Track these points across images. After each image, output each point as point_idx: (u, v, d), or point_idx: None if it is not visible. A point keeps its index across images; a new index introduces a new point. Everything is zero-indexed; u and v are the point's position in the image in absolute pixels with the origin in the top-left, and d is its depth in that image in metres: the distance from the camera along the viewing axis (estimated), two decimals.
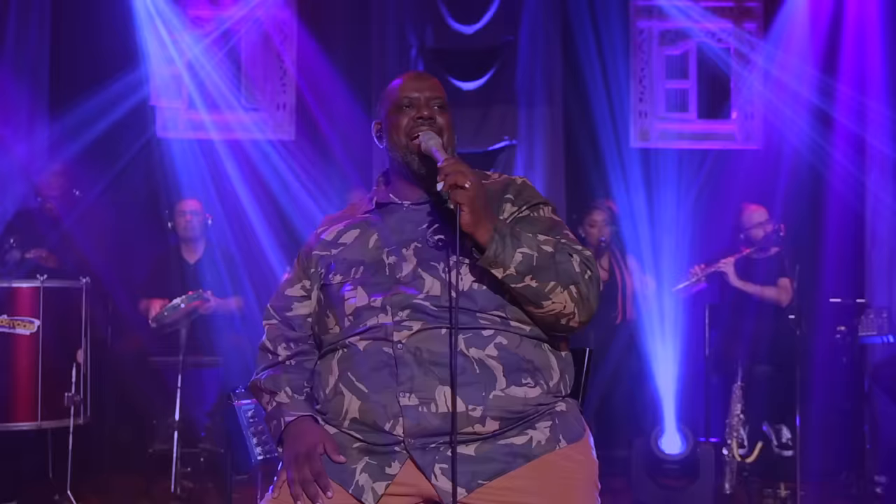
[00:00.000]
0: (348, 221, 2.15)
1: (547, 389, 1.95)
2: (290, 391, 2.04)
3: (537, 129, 6.19)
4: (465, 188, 1.85)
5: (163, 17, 6.03)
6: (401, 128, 2.07)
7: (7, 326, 4.11)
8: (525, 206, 2.06)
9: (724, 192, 6.07)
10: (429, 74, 2.19)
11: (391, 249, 2.01)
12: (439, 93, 2.11)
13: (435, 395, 1.86)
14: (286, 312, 2.14)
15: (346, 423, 1.93)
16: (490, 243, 1.88)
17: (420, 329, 1.90)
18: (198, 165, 6.02)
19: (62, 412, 4.18)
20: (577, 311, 1.93)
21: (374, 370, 1.90)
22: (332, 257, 2.09)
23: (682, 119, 6.47)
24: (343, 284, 2.01)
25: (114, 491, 5.02)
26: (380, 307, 1.94)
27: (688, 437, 4.51)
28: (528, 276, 1.89)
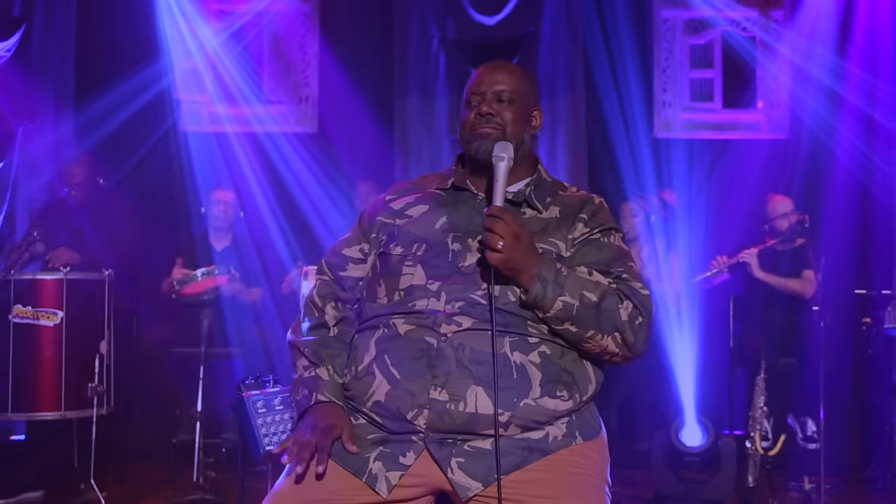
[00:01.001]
0: (418, 195, 2.13)
1: (578, 402, 1.94)
2: (332, 369, 2.03)
3: (560, 120, 6.16)
4: (497, 250, 1.85)
5: (185, 10, 6.07)
6: (466, 123, 2.07)
7: (31, 318, 4.16)
8: (597, 229, 2.03)
9: (749, 183, 6.00)
10: (507, 65, 2.14)
11: (457, 236, 2.00)
12: (507, 85, 2.06)
13: (466, 393, 1.85)
14: (339, 272, 2.13)
15: (369, 404, 1.92)
16: (531, 289, 1.88)
17: (469, 327, 1.89)
18: (220, 158, 6.06)
19: (85, 402, 4.22)
20: (620, 353, 1.94)
21: (411, 358, 1.89)
22: (395, 227, 2.07)
23: (707, 109, 6.41)
24: (403, 258, 1.99)
25: (138, 480, 5.08)
26: (435, 291, 1.93)
27: (708, 429, 4.47)
28: (568, 322, 1.89)
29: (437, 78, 6.20)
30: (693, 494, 4.47)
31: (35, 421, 4.55)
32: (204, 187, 5.74)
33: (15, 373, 4.14)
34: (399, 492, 1.88)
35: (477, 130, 2.04)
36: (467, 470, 1.86)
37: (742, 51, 6.27)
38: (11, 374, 4.14)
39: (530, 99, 2.11)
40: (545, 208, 2.06)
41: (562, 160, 6.13)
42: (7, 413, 4.17)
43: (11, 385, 4.14)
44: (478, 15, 6.19)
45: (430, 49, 6.19)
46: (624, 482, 5.06)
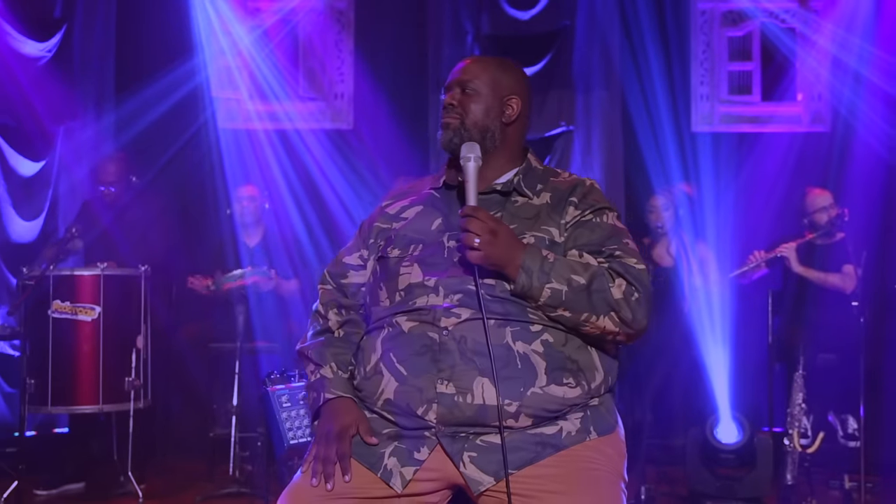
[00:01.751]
0: (413, 198, 2.15)
1: (587, 390, 1.93)
2: (335, 366, 2.05)
3: (595, 115, 6.12)
4: (475, 247, 1.86)
5: (220, 8, 6.12)
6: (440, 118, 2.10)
7: (70, 313, 4.23)
8: (588, 210, 2.02)
9: (788, 176, 5.91)
10: (476, 56, 2.22)
11: (452, 234, 2.00)
12: (470, 74, 2.07)
13: (472, 385, 1.85)
14: (341, 279, 2.16)
15: (380, 402, 1.93)
16: (517, 281, 1.88)
17: (468, 318, 1.89)
18: (255, 155, 6.11)
19: (123, 396, 4.29)
20: (620, 331, 1.92)
21: (416, 354, 1.90)
22: (392, 231, 2.09)
23: (746, 102, 6.32)
24: (400, 260, 2.01)
25: (177, 473, 5.16)
26: (433, 287, 1.94)
27: (744, 426, 4.41)
28: (560, 308, 1.88)
29: None
30: (729, 491, 4.42)
31: (77, 414, 4.64)
32: (239, 184, 5.79)
33: (54, 367, 4.22)
34: (414, 486, 1.89)
35: (441, 122, 2.07)
36: (479, 464, 1.86)
37: (781, 42, 6.18)
38: (51, 368, 4.22)
39: (502, 87, 2.09)
40: (536, 195, 2.05)
41: (597, 155, 6.09)
42: (47, 406, 4.25)
43: (51, 379, 4.22)
44: (512, 10, 6.17)
45: (464, 45, 6.18)
46: (659, 479, 5.03)
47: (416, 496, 1.90)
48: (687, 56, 6.25)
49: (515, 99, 2.10)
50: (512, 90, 2.10)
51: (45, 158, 5.95)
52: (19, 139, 5.85)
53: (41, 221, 5.88)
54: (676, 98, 6.12)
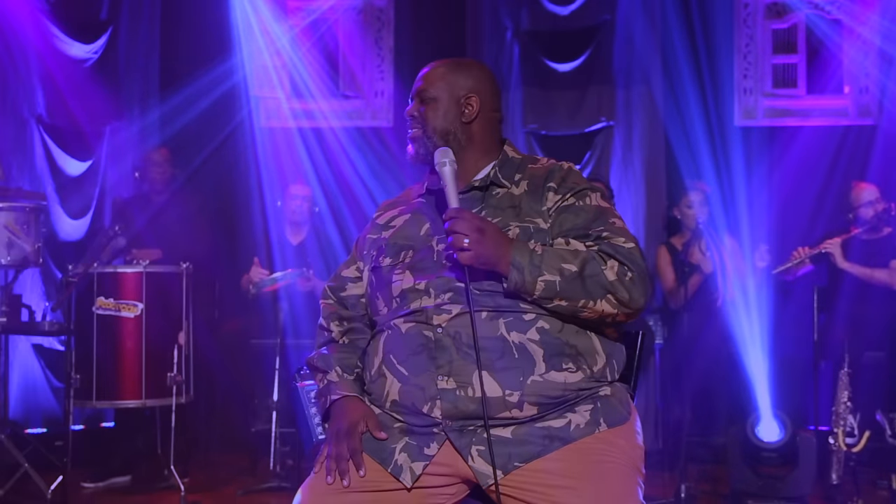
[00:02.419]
0: (402, 207, 2.19)
1: (590, 374, 1.92)
2: (339, 370, 2.09)
3: (636, 110, 6.08)
4: (465, 248, 1.86)
5: (260, 7, 6.19)
6: None
7: (113, 309, 4.31)
8: (570, 194, 2.02)
9: (834, 170, 5.81)
10: (432, 64, 2.17)
11: (441, 238, 2.02)
12: (424, 82, 2.12)
13: (472, 379, 1.87)
14: (341, 293, 2.21)
15: (388, 404, 1.97)
16: (509, 278, 1.88)
17: (459, 313, 1.91)
18: (296, 153, 6.17)
19: (165, 391, 4.35)
20: (619, 312, 1.92)
21: (413, 354, 1.93)
22: (382, 240, 2.13)
23: (790, 95, 6.22)
24: (392, 268, 2.05)
25: (219, 467, 5.23)
26: (423, 290, 1.97)
27: (786, 424, 4.34)
28: (556, 298, 1.88)
29: (511, 70, 6.17)
30: (771, 490, 4.35)
31: (122, 409, 4.73)
32: (281, 182, 5.85)
33: (99, 362, 4.30)
34: (425, 480, 1.91)
35: (408, 136, 2.12)
36: (487, 458, 1.86)
37: (826, 34, 6.06)
38: (96, 363, 4.30)
39: (457, 88, 2.10)
40: (515, 184, 2.06)
41: (638, 151, 6.04)
42: (92, 401, 4.33)
43: (96, 374, 4.30)
44: (551, 5, 6.15)
45: (503, 41, 6.17)
46: (701, 477, 4.98)
47: (428, 489, 1.92)
48: (730, 49, 6.16)
49: (474, 97, 2.10)
50: (469, 89, 2.10)
51: (92, 158, 6.08)
52: (67, 139, 5.98)
53: (88, 220, 6.01)
54: (719, 92, 6.04)
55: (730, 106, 6.13)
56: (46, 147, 5.95)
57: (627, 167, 6.06)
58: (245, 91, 6.17)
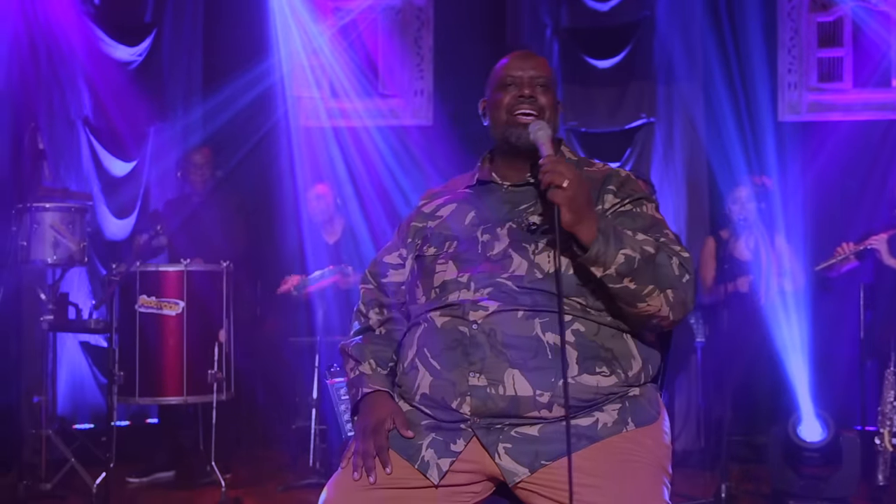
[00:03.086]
0: (448, 197, 2.18)
1: (623, 379, 1.91)
2: (373, 363, 2.09)
3: (677, 106, 6.02)
4: (563, 188, 1.82)
5: (299, 7, 6.23)
6: (502, 105, 2.08)
7: (155, 307, 4.38)
8: (627, 200, 2.02)
9: (881, 165, 5.69)
10: (534, 54, 2.17)
11: (486, 228, 2.02)
12: (543, 72, 2.09)
13: (503, 377, 1.86)
14: (381, 279, 2.20)
15: (417, 397, 1.96)
16: (593, 243, 1.84)
17: (496, 311, 1.90)
18: (336, 153, 6.21)
19: (206, 388, 4.42)
20: (671, 314, 1.90)
21: (448, 348, 1.92)
22: (427, 229, 2.12)
23: (836, 89, 6.11)
24: (436, 257, 2.04)
25: (260, 463, 5.29)
26: (465, 283, 1.96)
27: (828, 423, 4.27)
28: (628, 277, 1.85)
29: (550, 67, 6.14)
30: (814, 491, 4.29)
31: (166, 406, 4.81)
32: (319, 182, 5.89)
33: (141, 359, 4.38)
34: (451, 477, 1.90)
35: (516, 114, 2.05)
36: (514, 455, 1.86)
37: (872, 27, 5.94)
38: (138, 360, 4.38)
39: (556, 90, 2.13)
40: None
41: (679, 147, 5.98)
42: (135, 397, 4.41)
43: (139, 370, 4.37)
44: (591, 2, 6.12)
45: (543, 38, 6.15)
46: (743, 477, 4.93)
47: (455, 486, 1.92)
48: (774, 43, 6.07)
49: (559, 104, 2.14)
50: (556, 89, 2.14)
51: (136, 158, 6.18)
52: (112, 140, 6.09)
53: (133, 220, 6.11)
54: (762, 87, 5.94)
55: (773, 101, 6.03)
56: (92, 148, 6.07)
57: (668, 164, 6.01)
58: (284, 91, 6.23)
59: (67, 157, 5.95)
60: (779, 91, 6.09)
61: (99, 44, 6.02)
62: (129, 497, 4.70)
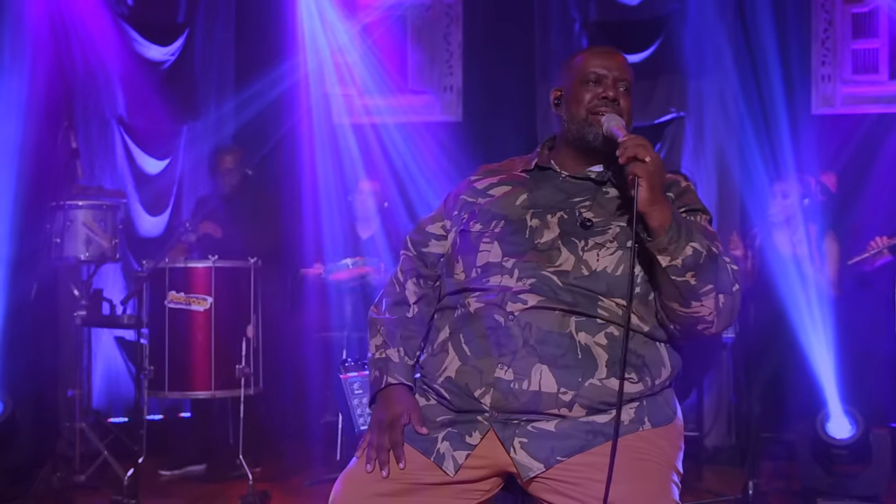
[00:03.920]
0: (503, 176, 2.14)
1: (650, 386, 1.91)
2: (402, 351, 2.06)
3: (707, 100, 5.96)
4: (646, 162, 1.80)
5: (330, 5, 6.27)
6: (583, 103, 2.03)
7: (184, 303, 4.44)
8: (683, 209, 1.99)
9: None
10: (619, 53, 2.13)
11: (536, 213, 1.99)
12: (627, 74, 2.06)
13: (531, 372, 1.85)
14: (422, 248, 2.16)
15: (441, 379, 1.95)
16: (667, 229, 1.82)
17: (534, 305, 1.89)
18: (366, 149, 6.24)
19: (234, 383, 4.46)
20: (716, 321, 1.89)
21: (481, 336, 1.91)
22: (476, 205, 2.08)
23: (872, 81, 6.01)
24: (481, 235, 2.01)
25: (290, 458, 5.34)
26: (509, 269, 1.93)
27: (857, 420, 4.20)
28: (691, 272, 1.83)
29: None
30: (843, 489, 4.22)
31: (197, 400, 4.88)
32: (351, 177, 5.93)
33: (171, 354, 4.44)
34: (465, 472, 1.90)
35: (600, 116, 2.00)
36: (530, 450, 1.86)
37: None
38: (168, 355, 4.44)
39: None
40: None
41: (709, 142, 5.92)
42: (164, 391, 4.47)
43: (168, 365, 4.44)
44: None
45: (571, 33, 6.13)
46: (774, 474, 4.87)
47: (467, 483, 1.92)
48: (807, 35, 5.99)
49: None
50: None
51: (170, 157, 6.28)
52: (145, 139, 6.20)
53: (167, 217, 6.21)
54: (795, 80, 5.86)
55: (806, 94, 5.95)
56: (126, 147, 6.17)
57: (699, 158, 5.96)
58: (315, 87, 6.27)
59: (102, 155, 6.07)
60: (812, 84, 6.01)
61: (132, 44, 6.13)
62: (161, 489, 4.77)
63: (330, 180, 6.13)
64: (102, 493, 4.52)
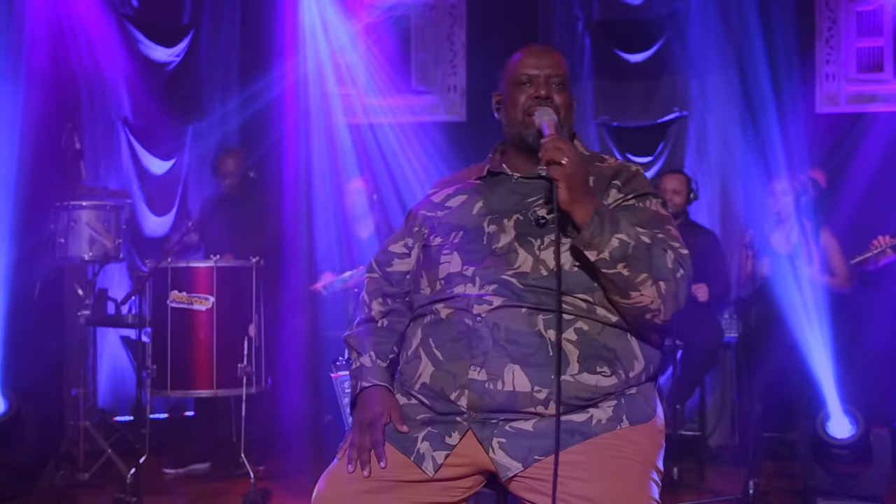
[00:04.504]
0: (458, 186, 2.17)
1: (624, 379, 1.92)
2: (373, 355, 2.09)
3: (711, 99, 5.96)
4: (562, 164, 1.84)
5: (334, 5, 6.29)
6: (518, 105, 2.07)
7: (186, 303, 4.47)
8: (631, 195, 2.02)
9: None
10: (551, 49, 2.16)
11: (493, 218, 2.02)
12: (559, 70, 2.09)
13: (503, 372, 1.87)
14: (386, 268, 2.20)
15: (417, 386, 1.97)
16: (588, 224, 1.85)
17: (500, 305, 1.91)
18: (370, 148, 6.26)
19: (236, 382, 4.49)
20: (662, 308, 1.90)
21: (452, 340, 1.93)
22: (436, 219, 2.12)
23: (877, 80, 5.99)
24: (441, 248, 2.04)
25: (292, 456, 5.35)
26: (470, 277, 1.96)
27: (858, 420, 4.19)
28: (622, 263, 1.85)
29: (582, 61, 6.14)
30: (843, 488, 4.21)
31: (201, 399, 4.90)
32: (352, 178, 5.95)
33: (173, 353, 4.46)
34: (446, 471, 1.92)
35: (532, 115, 2.04)
36: (508, 450, 1.87)
37: None
38: (170, 354, 4.47)
39: (570, 87, 2.12)
40: None
41: (713, 141, 5.92)
42: (167, 390, 4.50)
43: (170, 364, 4.47)
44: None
45: (575, 32, 6.14)
46: (777, 473, 4.86)
47: (448, 481, 1.94)
48: (811, 34, 5.97)
49: (574, 99, 2.14)
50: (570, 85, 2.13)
51: (175, 157, 6.31)
52: (151, 139, 6.24)
53: (172, 217, 6.24)
54: (799, 79, 5.85)
55: (811, 92, 5.93)
56: (132, 147, 6.21)
57: (702, 158, 5.95)
58: (319, 88, 6.29)
59: (107, 156, 6.11)
60: (817, 82, 5.99)
61: (138, 45, 6.17)
62: (164, 487, 4.80)
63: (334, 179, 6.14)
64: (106, 491, 4.55)
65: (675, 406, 4.95)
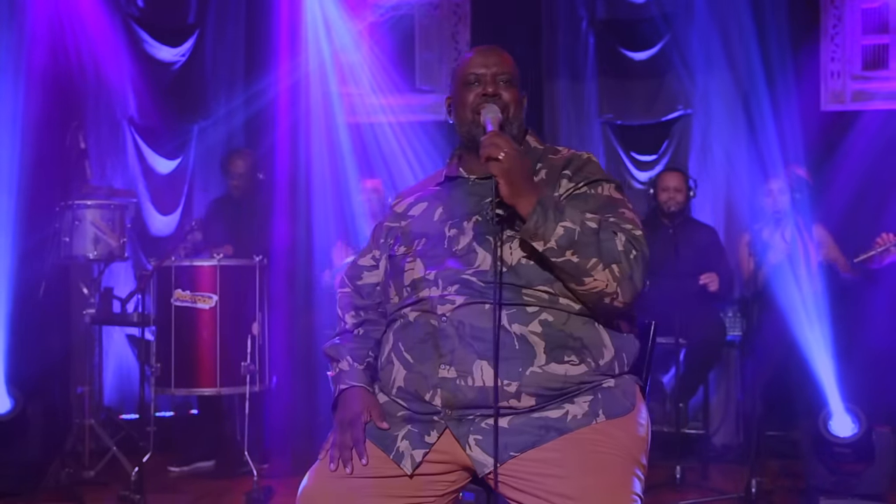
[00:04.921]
0: (419, 195, 2.22)
1: (594, 367, 1.93)
2: (350, 359, 2.13)
3: (715, 97, 5.94)
4: (499, 160, 1.87)
5: (338, 4, 6.30)
6: (467, 104, 2.11)
7: (190, 301, 4.50)
8: (583, 183, 2.04)
9: None
10: (497, 48, 2.19)
11: (454, 222, 2.06)
12: (506, 68, 2.12)
13: (472, 368, 1.89)
14: (357, 281, 2.24)
15: (394, 390, 2.01)
16: (531, 215, 1.88)
17: (463, 303, 1.93)
18: (375, 148, 6.26)
19: (239, 380, 4.52)
20: (619, 291, 1.90)
21: (420, 342, 1.97)
22: (399, 229, 2.16)
23: (882, 77, 5.96)
24: (405, 256, 2.08)
25: (298, 454, 5.37)
26: (432, 280, 2.00)
27: (860, 419, 4.18)
28: (569, 250, 1.87)
29: (586, 60, 6.14)
30: (846, 487, 4.21)
31: (205, 397, 4.93)
32: (360, 176, 5.97)
33: (177, 351, 4.49)
34: (426, 468, 1.94)
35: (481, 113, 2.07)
36: (484, 447, 1.89)
37: None
38: (174, 352, 4.50)
39: (519, 84, 2.15)
40: (535, 174, 2.07)
41: (717, 139, 5.90)
42: (171, 388, 4.53)
43: (174, 362, 4.49)
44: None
45: (578, 31, 6.13)
46: (780, 472, 4.86)
47: (430, 476, 1.96)
48: (816, 31, 5.95)
49: (524, 96, 2.17)
50: (519, 78, 2.16)
51: (180, 156, 6.34)
52: (156, 139, 6.26)
53: (177, 216, 6.27)
54: (803, 76, 5.83)
55: (815, 90, 5.91)
56: (138, 147, 6.24)
57: (707, 156, 5.94)
58: (322, 87, 6.30)
59: (113, 155, 6.14)
60: (821, 80, 5.97)
61: (143, 45, 6.19)
62: (168, 485, 4.83)
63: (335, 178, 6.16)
64: (111, 489, 4.58)
65: (678, 404, 4.95)
